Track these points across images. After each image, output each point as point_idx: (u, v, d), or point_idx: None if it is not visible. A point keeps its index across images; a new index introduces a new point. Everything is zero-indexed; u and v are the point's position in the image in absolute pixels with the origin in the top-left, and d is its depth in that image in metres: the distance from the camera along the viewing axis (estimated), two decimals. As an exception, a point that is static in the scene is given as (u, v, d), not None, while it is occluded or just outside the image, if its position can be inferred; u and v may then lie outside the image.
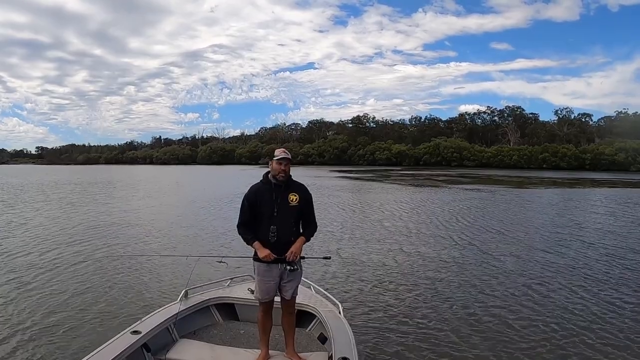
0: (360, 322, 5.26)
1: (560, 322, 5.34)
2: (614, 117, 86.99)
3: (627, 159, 66.80)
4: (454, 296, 6.35)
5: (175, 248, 9.64)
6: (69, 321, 5.21)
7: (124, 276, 7.21)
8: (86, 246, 9.66)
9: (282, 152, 3.50)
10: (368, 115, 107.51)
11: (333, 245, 9.87)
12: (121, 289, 6.51)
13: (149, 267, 7.82)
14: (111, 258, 8.44)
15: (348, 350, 3.28)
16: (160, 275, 7.27)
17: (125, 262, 8.11)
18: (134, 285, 6.72)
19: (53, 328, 5.00)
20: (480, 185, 31.90)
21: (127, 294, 6.32)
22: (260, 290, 3.51)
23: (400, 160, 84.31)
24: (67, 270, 7.59)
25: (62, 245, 9.69)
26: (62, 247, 9.48)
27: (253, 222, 3.47)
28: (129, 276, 7.22)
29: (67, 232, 11.42)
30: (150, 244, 10.10)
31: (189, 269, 5.64)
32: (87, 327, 5.05)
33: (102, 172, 61.39)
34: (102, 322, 5.18)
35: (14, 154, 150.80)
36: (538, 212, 16.90)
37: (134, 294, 6.30)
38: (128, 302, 5.97)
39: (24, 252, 8.97)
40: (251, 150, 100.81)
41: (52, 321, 5.21)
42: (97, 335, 4.64)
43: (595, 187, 31.79)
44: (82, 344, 4.52)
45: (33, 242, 10.11)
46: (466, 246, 9.91)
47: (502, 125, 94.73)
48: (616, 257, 8.78)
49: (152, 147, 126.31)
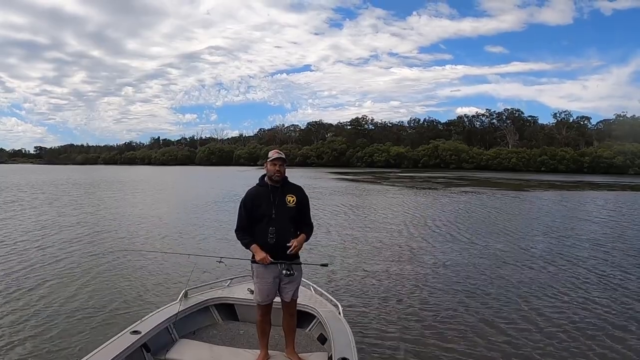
0: (360, 322, 5.26)
1: (557, 330, 5.35)
2: (613, 121, 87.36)
3: (626, 162, 67.04)
4: (454, 297, 6.35)
5: (175, 248, 9.61)
6: (68, 321, 5.20)
7: (123, 276, 7.19)
8: (86, 245, 9.63)
9: (275, 152, 3.52)
10: (367, 117, 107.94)
11: (333, 245, 9.86)
12: (121, 289, 6.49)
13: (149, 267, 7.80)
14: (111, 257, 8.42)
15: (348, 350, 3.28)
16: (160, 276, 7.26)
17: (125, 262, 8.10)
18: (133, 286, 6.70)
19: (52, 328, 4.99)
20: (478, 187, 31.91)
21: (127, 294, 6.31)
22: (260, 292, 3.51)
23: (398, 163, 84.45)
24: (66, 270, 7.57)
25: (61, 245, 9.65)
26: (61, 247, 9.45)
27: (251, 226, 3.49)
28: (129, 276, 7.20)
29: (67, 231, 11.38)
30: (151, 243, 10.08)
31: (188, 269, 5.64)
32: (86, 327, 5.03)
33: (102, 172, 61.24)
34: (102, 322, 5.16)
35: (13, 153, 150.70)
36: (537, 215, 16.91)
37: (134, 294, 6.28)
38: (128, 302, 5.96)
39: (24, 252, 8.93)
40: (250, 151, 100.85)
41: (52, 321, 5.19)
42: (97, 335, 4.63)
43: (594, 190, 31.87)
44: (82, 343, 4.51)
45: (32, 241, 10.07)
46: (466, 248, 9.90)
47: (500, 128, 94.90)
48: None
49: (150, 148, 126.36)
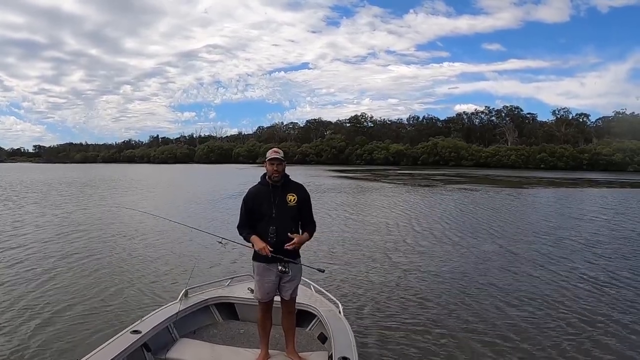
0: (360, 321, 5.27)
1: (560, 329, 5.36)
2: (612, 118, 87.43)
3: (625, 159, 67.10)
4: (454, 296, 6.36)
5: (175, 247, 9.60)
6: (68, 321, 5.19)
7: (123, 276, 7.19)
8: (85, 245, 9.63)
9: (272, 152, 3.50)
10: (366, 114, 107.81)
11: (333, 244, 9.87)
12: (121, 288, 6.49)
13: (149, 266, 7.81)
14: (111, 257, 8.43)
15: (348, 349, 3.29)
16: (160, 275, 7.26)
17: (125, 262, 8.10)
18: (134, 285, 6.70)
19: (52, 327, 4.98)
20: (478, 185, 31.93)
21: (127, 293, 6.30)
22: (260, 290, 3.52)
23: (397, 160, 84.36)
24: (65, 269, 7.56)
25: (61, 244, 9.65)
26: (61, 246, 9.44)
27: (252, 224, 3.50)
28: (129, 276, 7.20)
29: (66, 231, 11.37)
30: (152, 241, 10.08)
31: (189, 269, 5.64)
32: (86, 326, 5.03)
33: (102, 170, 61.12)
34: (102, 322, 5.15)
35: (11, 152, 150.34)
36: (537, 212, 16.93)
37: (134, 293, 6.28)
38: (128, 301, 5.95)
39: (23, 251, 8.93)
40: (249, 149, 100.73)
41: (51, 321, 5.19)
42: (97, 335, 4.64)
43: (593, 187, 31.90)
44: (82, 343, 4.50)
45: (31, 241, 10.06)
46: (466, 248, 9.92)
47: (499, 126, 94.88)
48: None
49: (149, 146, 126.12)
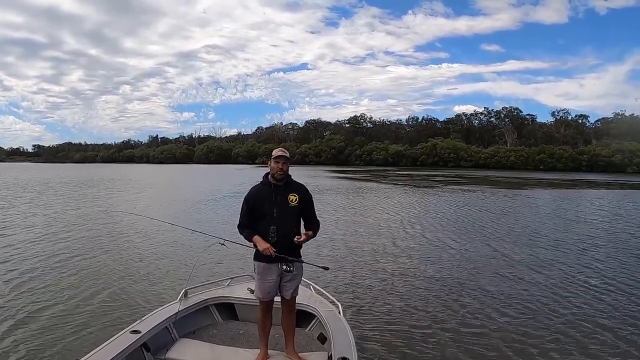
0: (360, 322, 5.27)
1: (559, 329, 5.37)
2: (611, 119, 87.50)
3: (624, 160, 67.14)
4: (454, 297, 6.36)
5: (176, 245, 9.60)
6: (67, 321, 5.18)
7: (123, 276, 7.18)
8: (85, 245, 9.62)
9: (279, 151, 3.57)
10: (365, 115, 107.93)
11: (333, 244, 9.86)
12: (120, 288, 6.48)
13: (149, 266, 7.81)
14: (111, 257, 8.42)
15: (348, 350, 3.29)
16: (159, 275, 7.26)
17: (124, 261, 8.09)
18: (133, 284, 6.69)
19: (52, 327, 4.97)
20: (477, 186, 31.96)
21: (127, 293, 6.29)
22: (261, 289, 3.52)
23: (397, 161, 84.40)
24: (65, 268, 7.56)
25: (60, 244, 9.64)
26: (60, 246, 9.44)
27: (253, 224, 3.51)
28: (129, 276, 7.19)
29: (66, 230, 11.36)
30: (151, 242, 10.07)
31: (188, 269, 5.64)
32: (86, 326, 5.02)
33: (101, 170, 61.06)
34: (102, 322, 5.15)
35: (11, 152, 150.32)
36: (538, 214, 16.94)
37: (134, 293, 6.27)
38: (127, 301, 5.95)
39: (22, 251, 8.92)
40: (248, 149, 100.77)
41: (51, 320, 5.18)
42: (97, 335, 4.63)
43: (592, 189, 31.93)
44: (82, 343, 4.49)
45: (31, 240, 10.06)
46: (466, 248, 9.92)
47: (499, 127, 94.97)
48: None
49: (148, 146, 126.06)
